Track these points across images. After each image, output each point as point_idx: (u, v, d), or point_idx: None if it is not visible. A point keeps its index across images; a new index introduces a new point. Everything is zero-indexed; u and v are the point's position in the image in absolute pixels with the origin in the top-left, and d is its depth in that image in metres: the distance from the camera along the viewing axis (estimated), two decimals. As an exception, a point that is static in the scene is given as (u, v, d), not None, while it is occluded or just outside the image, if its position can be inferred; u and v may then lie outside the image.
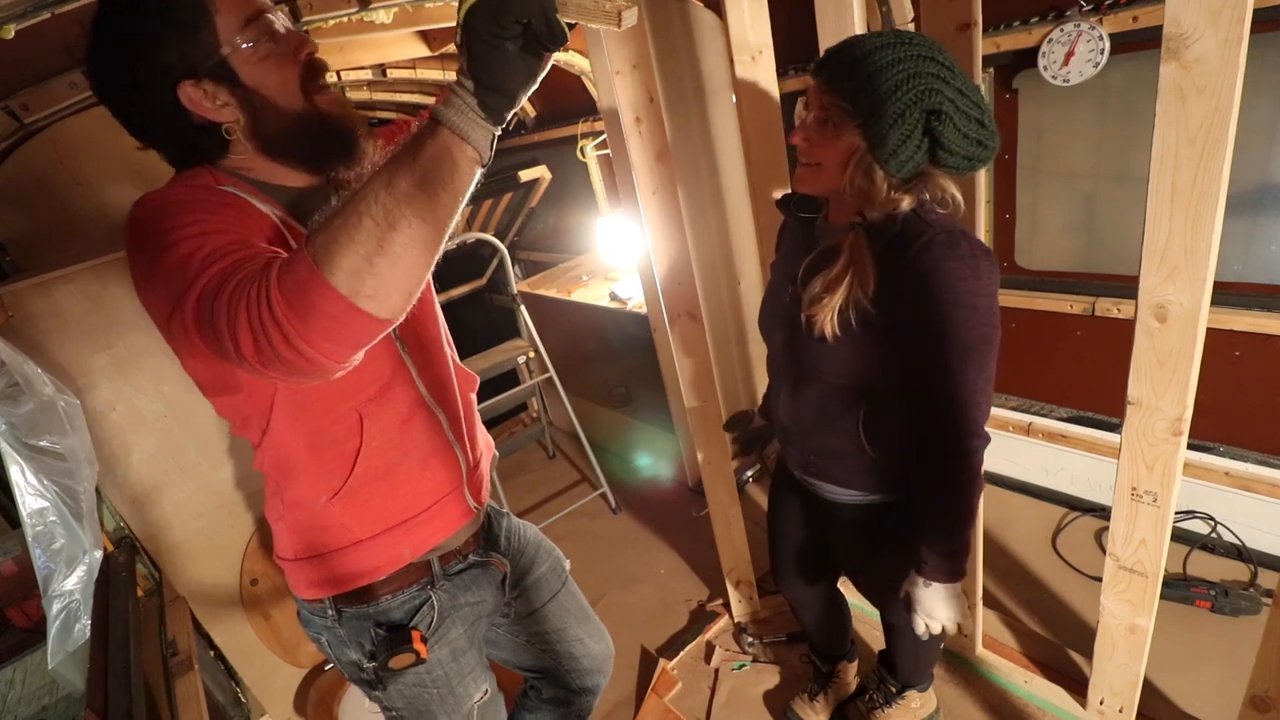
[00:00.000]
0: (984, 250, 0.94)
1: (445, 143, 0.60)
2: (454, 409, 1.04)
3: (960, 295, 0.92)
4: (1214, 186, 0.90)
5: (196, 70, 0.76)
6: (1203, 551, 1.88)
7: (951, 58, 0.91)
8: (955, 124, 0.89)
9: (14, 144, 1.49)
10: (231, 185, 0.82)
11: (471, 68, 0.60)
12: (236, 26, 0.77)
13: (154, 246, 0.70)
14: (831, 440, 1.16)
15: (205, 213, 0.73)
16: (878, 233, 0.97)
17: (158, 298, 0.70)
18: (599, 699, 1.40)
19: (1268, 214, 1.66)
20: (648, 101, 1.45)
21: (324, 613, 1.00)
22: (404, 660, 0.98)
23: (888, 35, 0.92)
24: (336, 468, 0.92)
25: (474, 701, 1.11)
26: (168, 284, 0.67)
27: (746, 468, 2.70)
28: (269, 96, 0.80)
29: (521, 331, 2.84)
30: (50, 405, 1.26)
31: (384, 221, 0.58)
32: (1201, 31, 0.84)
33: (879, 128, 0.90)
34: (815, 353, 1.08)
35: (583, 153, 2.89)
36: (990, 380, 0.98)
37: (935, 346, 0.95)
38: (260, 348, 0.59)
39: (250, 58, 0.78)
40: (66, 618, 1.27)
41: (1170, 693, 1.52)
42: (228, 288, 0.62)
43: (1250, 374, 1.76)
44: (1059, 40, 1.69)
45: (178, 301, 0.66)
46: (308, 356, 0.60)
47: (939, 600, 1.08)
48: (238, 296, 0.60)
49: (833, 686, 1.69)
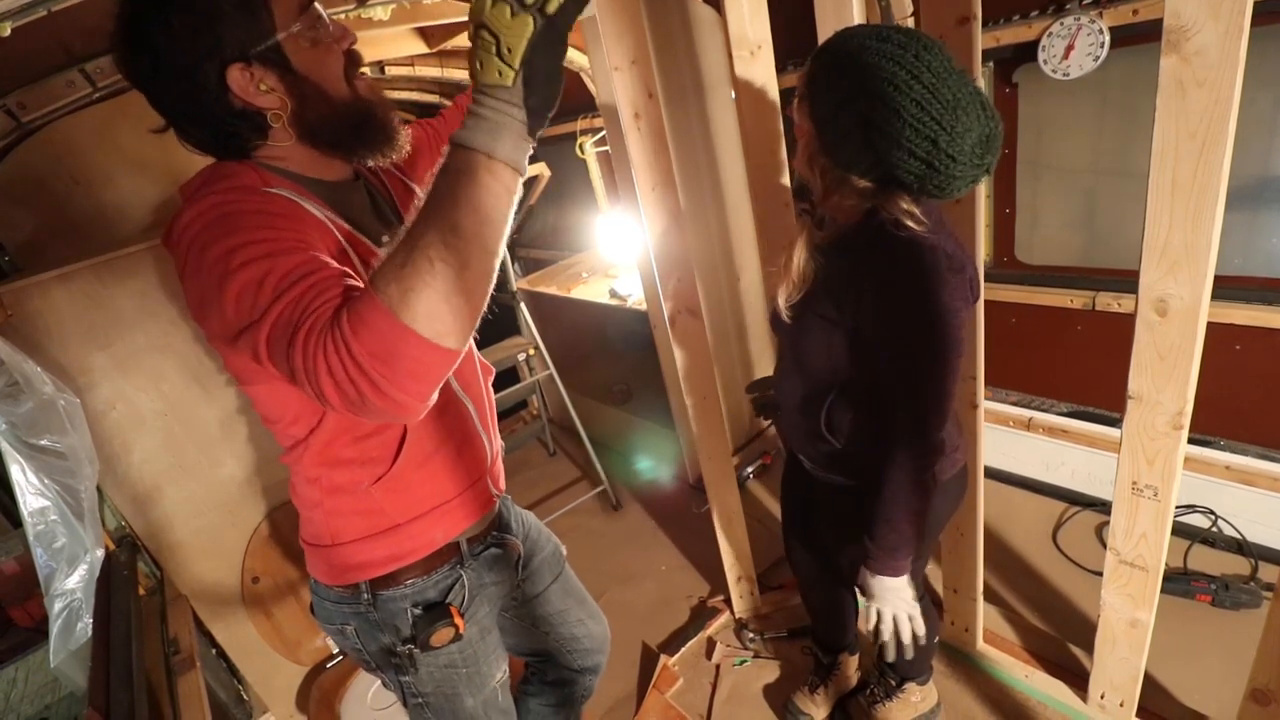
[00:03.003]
0: (954, 265, 0.94)
1: (505, 180, 0.63)
2: (479, 399, 1.07)
3: (916, 305, 0.93)
4: (1214, 180, 0.90)
5: (248, 54, 0.76)
6: (1203, 545, 1.88)
7: (938, 65, 0.84)
8: (890, 136, 0.84)
9: (12, 143, 1.48)
10: (278, 185, 0.80)
11: (532, 102, 0.61)
12: (294, 13, 0.78)
13: (218, 265, 0.68)
14: (806, 422, 1.19)
15: (267, 229, 0.70)
16: (848, 236, 0.99)
17: (221, 319, 0.69)
18: (598, 679, 1.43)
19: (1268, 207, 1.66)
20: (646, 97, 1.45)
21: (356, 599, 1.01)
22: (444, 635, 1.00)
23: (869, 32, 0.89)
24: (380, 455, 0.94)
25: (495, 681, 1.14)
26: (236, 308, 0.66)
27: (747, 464, 2.70)
28: (318, 83, 0.81)
29: (522, 329, 2.84)
30: (50, 404, 1.26)
31: (456, 263, 0.60)
32: (1202, 24, 0.84)
33: (820, 119, 0.91)
34: (795, 338, 1.12)
35: (582, 149, 2.89)
36: (948, 392, 0.99)
37: (894, 354, 0.97)
38: (348, 397, 0.60)
39: (303, 44, 0.79)
40: (68, 616, 1.27)
41: (1171, 686, 1.52)
42: (300, 333, 0.61)
43: (1251, 368, 1.75)
44: (1059, 34, 1.68)
45: (247, 328, 0.66)
46: (399, 401, 0.61)
47: (885, 591, 1.11)
48: (314, 347, 0.60)
49: (833, 679, 1.70)
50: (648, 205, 1.53)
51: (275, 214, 0.74)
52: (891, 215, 0.94)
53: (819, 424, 1.14)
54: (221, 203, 0.73)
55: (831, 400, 1.12)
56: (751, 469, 2.69)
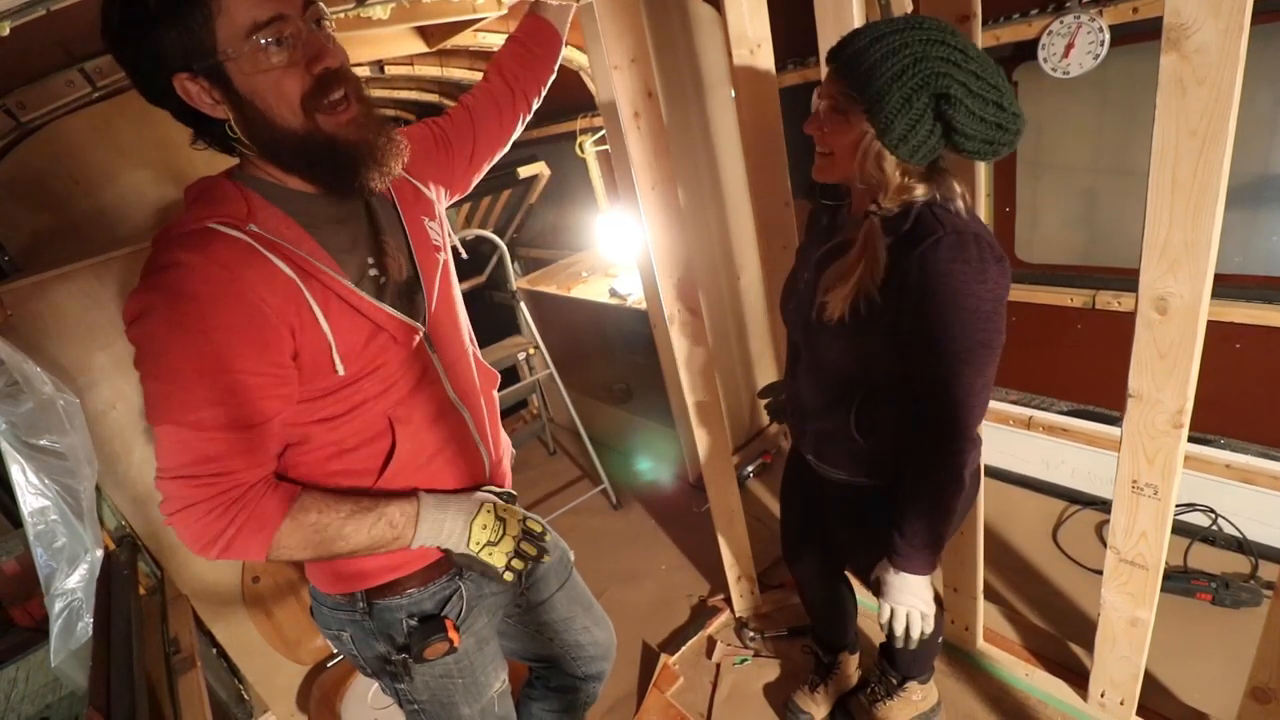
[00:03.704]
0: (995, 254, 0.93)
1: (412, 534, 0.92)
2: (477, 407, 1.04)
3: (963, 298, 0.91)
4: (1214, 178, 0.90)
5: (192, 66, 0.72)
6: (1203, 544, 1.88)
7: (966, 40, 0.89)
8: (968, 106, 0.86)
9: (11, 143, 1.48)
10: (262, 215, 0.80)
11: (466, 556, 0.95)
12: (241, 31, 0.71)
13: (159, 358, 0.75)
14: (828, 424, 1.17)
15: (214, 354, 0.74)
16: (890, 226, 0.97)
17: (140, 362, 0.77)
18: (603, 685, 1.42)
19: (1268, 206, 1.66)
20: (646, 96, 1.45)
21: (352, 606, 1.00)
22: (438, 649, 0.99)
23: (897, 21, 0.90)
24: (368, 467, 0.92)
25: (493, 691, 1.13)
26: (157, 407, 0.76)
27: (747, 463, 2.70)
28: (262, 110, 0.75)
29: (522, 328, 2.84)
30: (50, 404, 1.26)
31: (328, 554, 0.87)
32: (1202, 22, 0.84)
33: (885, 114, 0.89)
34: (821, 339, 1.10)
35: (581, 149, 2.89)
36: (988, 385, 0.98)
37: (934, 346, 0.95)
38: (201, 546, 0.80)
39: (247, 68, 0.72)
40: (69, 616, 1.27)
41: (1171, 685, 1.52)
42: (195, 509, 0.78)
43: (1251, 366, 1.75)
44: (1059, 32, 1.68)
45: (164, 421, 0.76)
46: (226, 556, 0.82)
47: (906, 590, 1.10)
48: (197, 519, 0.78)
49: (834, 678, 1.70)
50: (647, 204, 1.53)
51: (220, 327, 0.74)
52: (945, 196, 0.95)
53: (847, 425, 1.12)
54: (185, 277, 0.74)
55: (861, 399, 1.10)
56: (752, 468, 2.69)
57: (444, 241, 1.02)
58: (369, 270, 0.89)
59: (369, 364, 0.87)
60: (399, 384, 0.91)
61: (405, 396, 0.92)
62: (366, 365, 0.86)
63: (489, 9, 1.70)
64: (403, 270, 0.94)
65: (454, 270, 1.06)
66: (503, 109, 1.18)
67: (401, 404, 0.92)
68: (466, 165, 1.14)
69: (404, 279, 0.94)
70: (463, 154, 1.13)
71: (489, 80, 1.19)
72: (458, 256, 1.12)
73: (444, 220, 1.07)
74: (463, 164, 1.13)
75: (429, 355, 0.95)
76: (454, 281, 1.05)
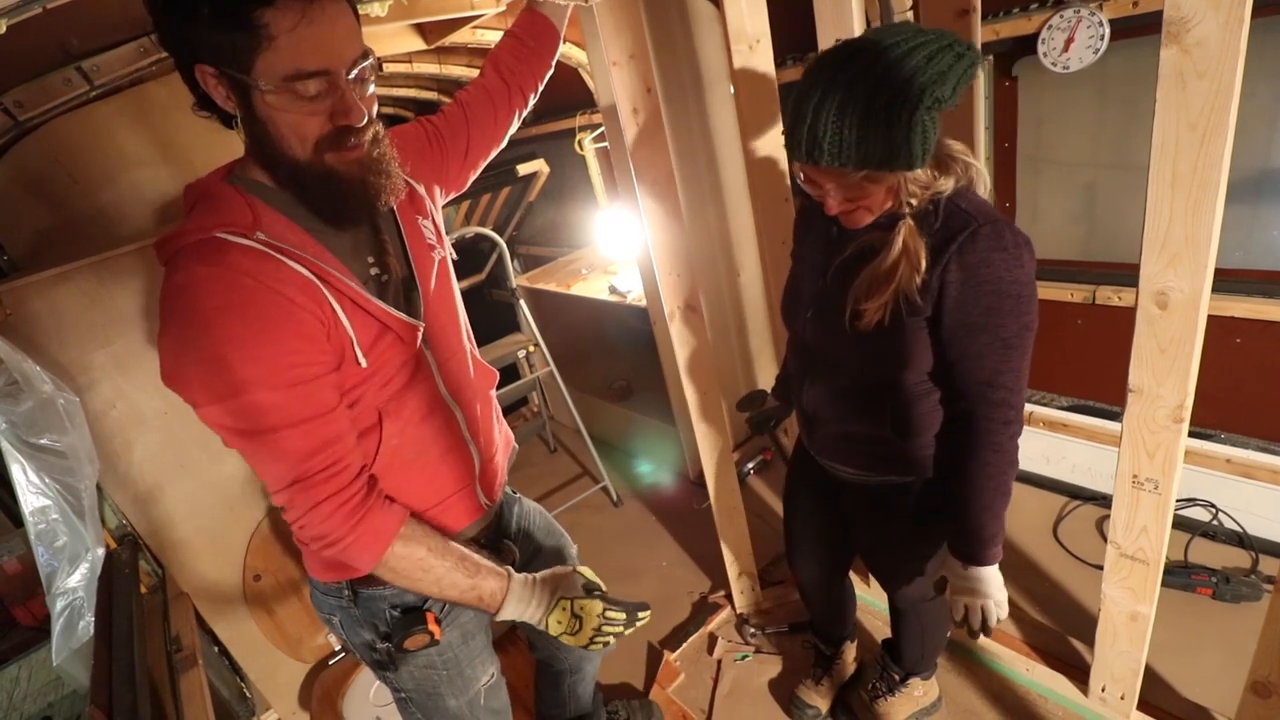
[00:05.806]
0: (1024, 239, 0.93)
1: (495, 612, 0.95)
2: (471, 407, 1.04)
3: (1006, 285, 0.92)
4: (1215, 172, 0.90)
5: (220, 68, 0.72)
6: (1204, 539, 1.88)
7: (893, 31, 0.86)
8: (942, 99, 0.84)
9: (9, 142, 1.48)
10: (268, 222, 0.79)
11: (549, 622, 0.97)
12: (281, 72, 0.70)
13: (221, 375, 0.73)
14: (857, 428, 1.16)
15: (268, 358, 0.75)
16: (922, 224, 0.96)
17: (204, 411, 0.77)
18: (591, 680, 1.43)
19: (1269, 200, 1.66)
20: (645, 93, 1.44)
21: (339, 594, 1.01)
22: (419, 641, 1.00)
23: (838, 77, 0.85)
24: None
25: (481, 684, 1.14)
26: (239, 426, 0.76)
27: (747, 460, 2.70)
28: (274, 135, 0.76)
29: (521, 326, 2.84)
30: (50, 403, 1.26)
31: (417, 590, 0.92)
32: (1202, 15, 0.84)
33: (910, 155, 0.86)
34: (853, 346, 1.08)
35: (580, 146, 2.88)
36: (1028, 367, 0.99)
37: (982, 335, 0.95)
38: (306, 543, 0.86)
39: (273, 101, 0.72)
40: (70, 615, 1.28)
41: (1172, 679, 1.52)
42: (323, 505, 0.81)
43: (1251, 361, 1.75)
44: (1059, 26, 1.68)
45: (248, 451, 0.79)
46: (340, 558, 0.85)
47: (984, 582, 1.09)
48: (325, 520, 0.82)
49: (836, 669, 1.71)
50: (647, 201, 1.53)
51: (264, 330, 0.75)
52: (967, 179, 0.95)
53: (881, 427, 1.11)
54: (207, 280, 0.74)
55: (897, 400, 1.09)
56: (752, 464, 2.70)
57: (440, 240, 1.02)
58: (371, 270, 0.90)
59: (375, 362, 0.88)
60: (394, 380, 0.91)
61: (398, 392, 0.92)
62: (374, 363, 0.88)
63: (487, 5, 1.70)
64: (399, 269, 0.94)
65: (452, 269, 1.06)
66: (498, 105, 1.17)
67: (393, 399, 0.92)
68: (461, 162, 1.13)
69: (400, 278, 0.94)
70: (457, 151, 1.12)
71: (485, 76, 1.18)
72: (455, 254, 1.12)
73: (439, 218, 1.07)
74: (457, 161, 1.13)
75: (423, 353, 0.96)
76: (452, 280, 1.05)
